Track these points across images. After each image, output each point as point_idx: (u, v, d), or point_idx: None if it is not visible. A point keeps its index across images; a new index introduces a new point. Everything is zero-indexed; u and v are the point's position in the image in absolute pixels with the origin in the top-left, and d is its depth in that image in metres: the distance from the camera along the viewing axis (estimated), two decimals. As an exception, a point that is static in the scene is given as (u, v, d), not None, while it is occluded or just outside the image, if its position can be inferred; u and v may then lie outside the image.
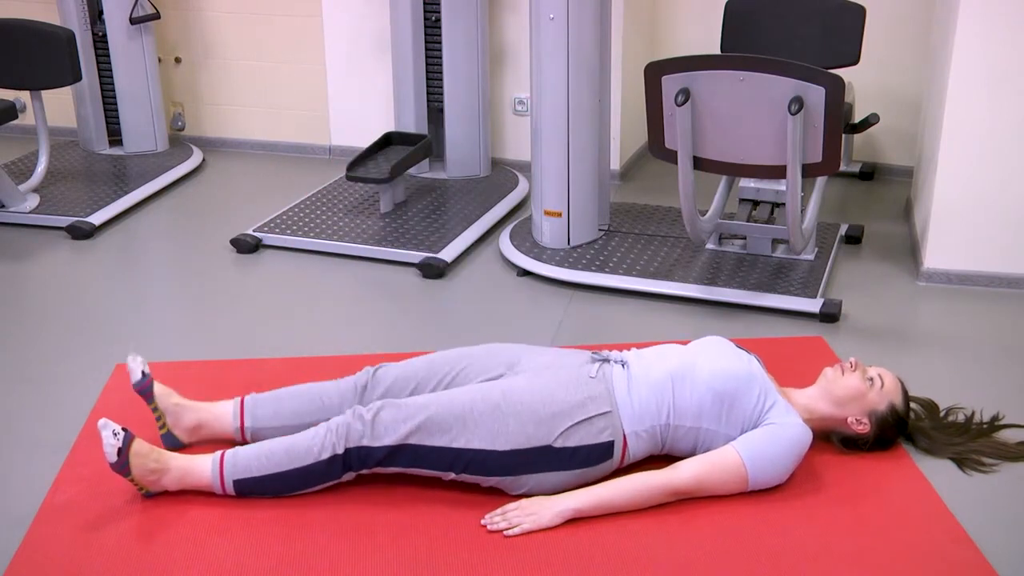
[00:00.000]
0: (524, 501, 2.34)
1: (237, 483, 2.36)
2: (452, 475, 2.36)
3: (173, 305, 3.63)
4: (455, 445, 2.33)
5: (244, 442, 2.57)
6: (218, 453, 2.39)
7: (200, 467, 2.38)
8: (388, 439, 2.32)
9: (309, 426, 2.52)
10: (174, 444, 2.57)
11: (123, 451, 2.31)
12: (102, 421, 2.33)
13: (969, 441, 2.64)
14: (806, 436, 2.41)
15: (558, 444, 2.34)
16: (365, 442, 2.32)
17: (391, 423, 2.33)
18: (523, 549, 2.23)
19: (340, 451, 2.33)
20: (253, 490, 2.37)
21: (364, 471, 2.37)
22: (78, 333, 3.33)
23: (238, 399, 2.59)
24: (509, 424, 2.33)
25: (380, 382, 2.54)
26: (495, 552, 2.22)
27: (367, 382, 2.54)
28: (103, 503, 2.39)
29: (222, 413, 2.58)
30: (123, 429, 2.32)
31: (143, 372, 2.53)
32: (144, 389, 2.54)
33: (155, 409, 2.56)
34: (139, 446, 2.35)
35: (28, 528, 2.31)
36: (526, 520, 2.29)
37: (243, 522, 2.32)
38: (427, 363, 2.57)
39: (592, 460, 2.37)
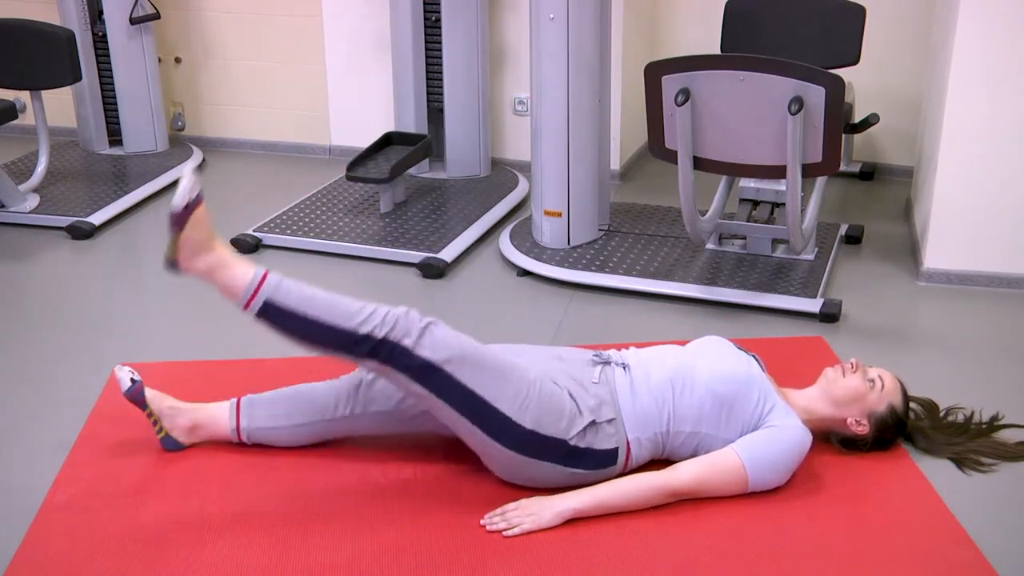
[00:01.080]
0: (524, 501, 2.34)
1: (269, 302, 2.26)
2: (466, 424, 2.30)
3: (172, 305, 3.63)
4: (483, 394, 2.27)
5: (240, 443, 2.58)
6: (262, 269, 2.28)
7: (242, 276, 2.27)
8: (428, 353, 2.25)
9: (304, 426, 2.54)
10: (174, 447, 2.57)
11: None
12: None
13: (969, 441, 2.64)
14: (806, 438, 2.41)
15: (573, 442, 2.33)
16: (406, 343, 2.25)
17: (439, 341, 2.27)
18: (523, 549, 2.23)
19: (379, 335, 2.25)
20: (275, 319, 2.27)
21: (387, 368, 2.28)
22: (78, 333, 3.33)
23: (234, 400, 2.59)
24: (539, 405, 2.30)
25: (377, 381, 2.52)
26: (495, 552, 2.22)
27: (362, 380, 2.54)
28: (103, 503, 2.39)
29: (218, 414, 2.58)
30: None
31: (132, 379, 2.52)
32: (135, 396, 2.52)
33: (150, 414, 2.55)
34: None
35: (28, 528, 2.31)
36: (526, 520, 2.29)
37: (243, 522, 2.32)
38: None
39: (597, 464, 2.37)
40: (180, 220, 2.26)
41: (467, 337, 2.34)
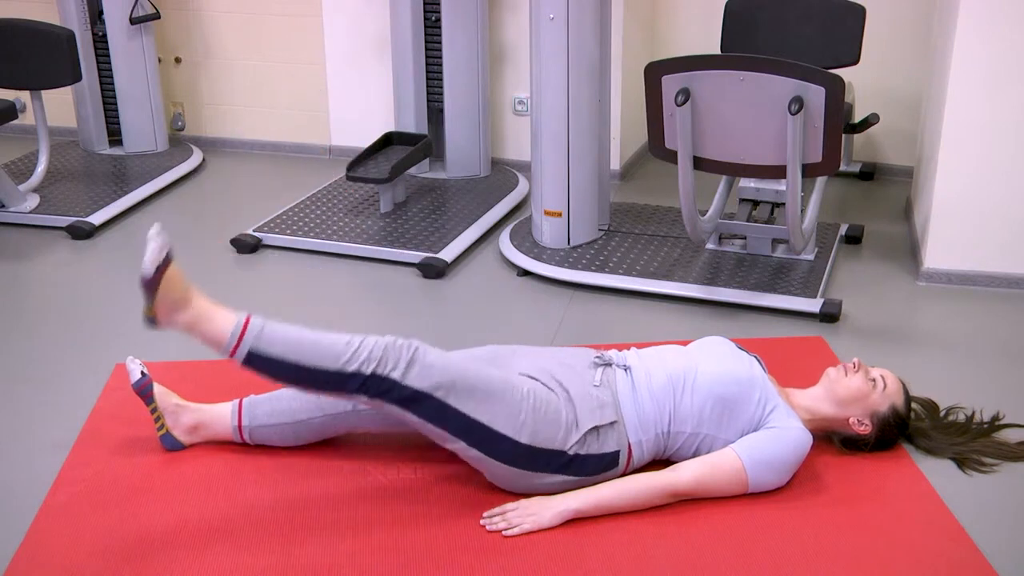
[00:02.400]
0: (524, 501, 2.34)
1: (252, 351, 2.24)
2: (462, 444, 2.30)
3: (173, 305, 3.63)
4: (478, 417, 2.27)
5: (243, 442, 2.57)
6: (243, 316, 2.27)
7: (223, 326, 2.26)
8: (416, 383, 2.25)
9: (306, 423, 2.53)
10: (173, 445, 2.57)
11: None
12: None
13: (970, 441, 2.64)
14: (806, 440, 2.41)
15: (572, 451, 2.33)
16: (394, 375, 2.24)
17: (427, 368, 2.26)
18: (523, 549, 2.23)
19: (366, 372, 2.23)
20: (261, 367, 2.26)
21: (378, 401, 2.27)
22: (78, 333, 3.33)
23: (237, 400, 2.59)
24: (535, 419, 2.30)
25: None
26: (495, 552, 2.22)
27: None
28: (103, 503, 2.39)
29: (221, 414, 2.58)
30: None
31: (142, 372, 2.54)
32: (143, 389, 2.54)
33: (154, 410, 2.56)
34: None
35: (28, 528, 2.31)
36: (526, 520, 2.29)
37: (243, 522, 2.32)
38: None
39: (598, 469, 2.37)
40: (153, 284, 2.24)
41: (456, 357, 2.34)
